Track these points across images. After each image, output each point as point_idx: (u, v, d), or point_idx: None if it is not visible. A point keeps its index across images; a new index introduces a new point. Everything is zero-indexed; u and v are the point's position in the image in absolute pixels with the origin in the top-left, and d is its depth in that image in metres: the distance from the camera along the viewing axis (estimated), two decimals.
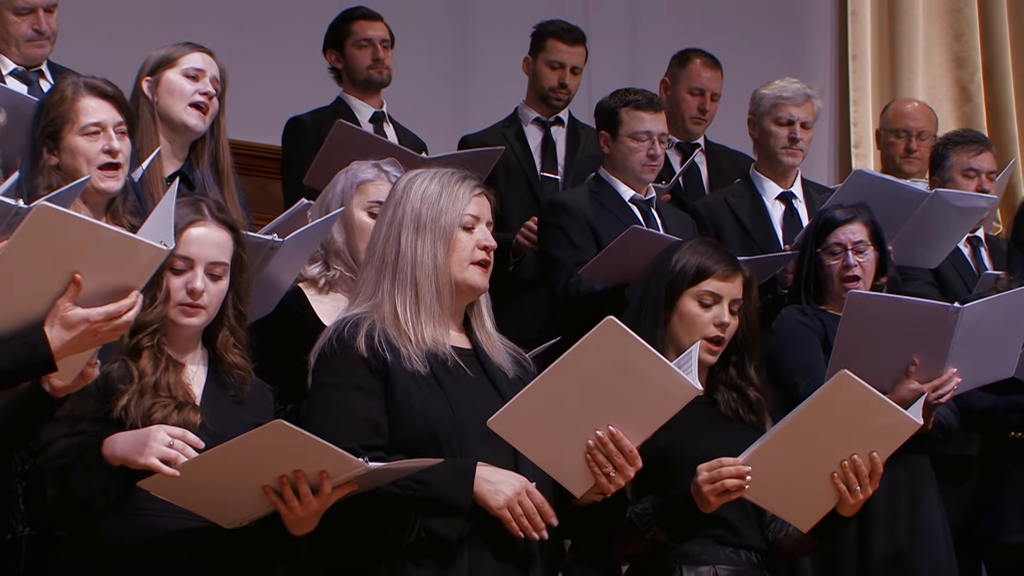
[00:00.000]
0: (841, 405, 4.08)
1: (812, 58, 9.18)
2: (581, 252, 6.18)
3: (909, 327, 5.21)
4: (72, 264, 3.39)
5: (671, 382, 3.84)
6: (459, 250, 3.92)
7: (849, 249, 5.56)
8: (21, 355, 3.41)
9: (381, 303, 3.90)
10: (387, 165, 4.88)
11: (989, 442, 5.75)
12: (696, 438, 4.30)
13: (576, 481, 3.86)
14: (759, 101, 6.65)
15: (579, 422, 3.80)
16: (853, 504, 4.17)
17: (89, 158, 4.52)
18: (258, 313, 4.86)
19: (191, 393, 3.80)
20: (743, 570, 4.35)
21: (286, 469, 3.57)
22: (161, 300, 3.80)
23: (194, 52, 5.13)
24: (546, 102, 7.28)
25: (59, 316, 3.39)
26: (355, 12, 7.16)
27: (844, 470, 4.13)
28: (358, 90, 7.05)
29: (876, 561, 5.39)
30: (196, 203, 3.94)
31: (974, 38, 9.28)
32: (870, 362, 5.11)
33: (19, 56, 6.14)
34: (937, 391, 5.18)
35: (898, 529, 5.43)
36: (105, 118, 4.55)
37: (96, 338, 3.44)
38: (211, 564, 3.73)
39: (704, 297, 4.43)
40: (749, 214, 6.53)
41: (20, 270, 3.38)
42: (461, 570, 3.79)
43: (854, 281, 5.53)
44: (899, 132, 7.39)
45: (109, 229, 3.47)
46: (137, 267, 3.44)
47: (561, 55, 7.28)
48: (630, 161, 6.32)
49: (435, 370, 3.85)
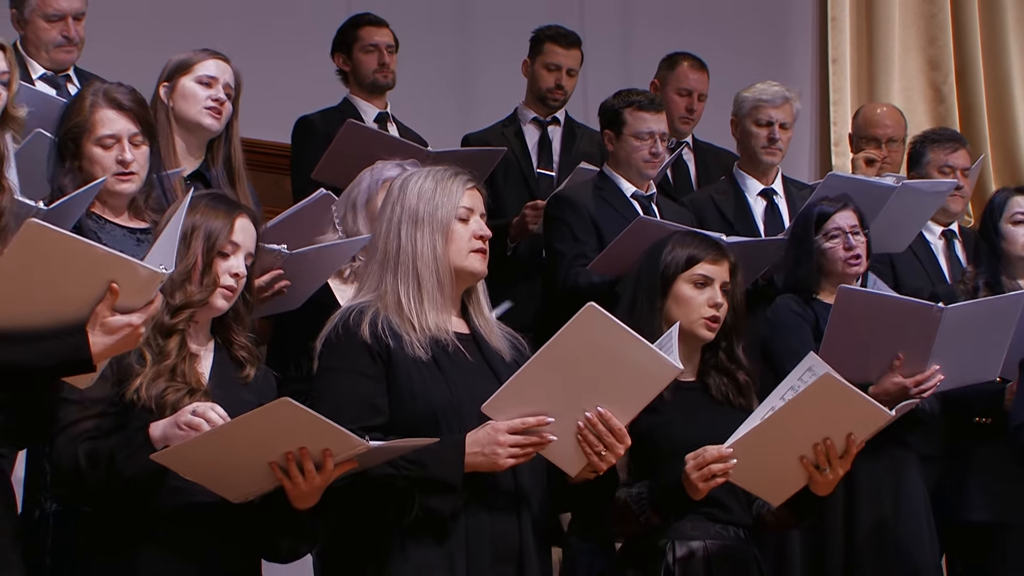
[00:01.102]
0: (822, 401, 4.09)
1: (794, 61, 9.16)
2: (583, 245, 6.19)
3: (895, 323, 5.20)
4: (104, 274, 3.40)
5: (653, 362, 3.84)
6: (457, 240, 3.93)
7: (847, 232, 5.57)
8: (64, 353, 3.41)
9: (385, 294, 3.91)
10: (409, 165, 4.90)
11: (955, 427, 5.74)
12: (689, 422, 4.32)
13: (570, 461, 3.87)
14: (741, 103, 6.65)
15: (569, 405, 3.80)
16: (824, 483, 4.17)
17: (104, 167, 4.54)
18: (285, 307, 4.92)
19: (202, 381, 3.80)
20: (731, 545, 4.36)
21: (291, 446, 3.57)
22: (210, 283, 3.82)
23: (209, 59, 5.12)
24: (544, 103, 7.28)
25: (100, 322, 3.40)
26: (363, 18, 7.14)
27: (816, 451, 4.13)
28: (364, 92, 7.03)
29: (861, 533, 5.40)
30: (234, 199, 3.98)
31: (947, 43, 9.27)
32: (857, 354, 5.13)
33: (48, 61, 6.12)
34: (919, 386, 5.19)
35: (882, 504, 5.43)
36: (120, 130, 4.56)
37: (135, 341, 3.46)
38: (222, 536, 3.74)
39: (697, 280, 4.45)
40: (733, 209, 6.53)
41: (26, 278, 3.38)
42: (458, 543, 3.80)
43: (856, 260, 5.55)
44: (869, 140, 7.38)
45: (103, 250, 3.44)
46: (138, 287, 3.44)
47: (557, 58, 7.28)
48: (633, 159, 6.32)
49: (436, 355, 3.86)
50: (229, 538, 3.74)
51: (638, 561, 4.35)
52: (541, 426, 3.75)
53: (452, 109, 8.10)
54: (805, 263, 5.57)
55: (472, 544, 3.80)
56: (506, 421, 3.74)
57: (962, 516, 5.71)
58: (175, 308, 3.76)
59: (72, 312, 3.41)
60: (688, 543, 4.32)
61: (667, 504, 4.23)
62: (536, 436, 3.75)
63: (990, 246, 5.85)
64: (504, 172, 6.83)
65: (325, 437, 3.57)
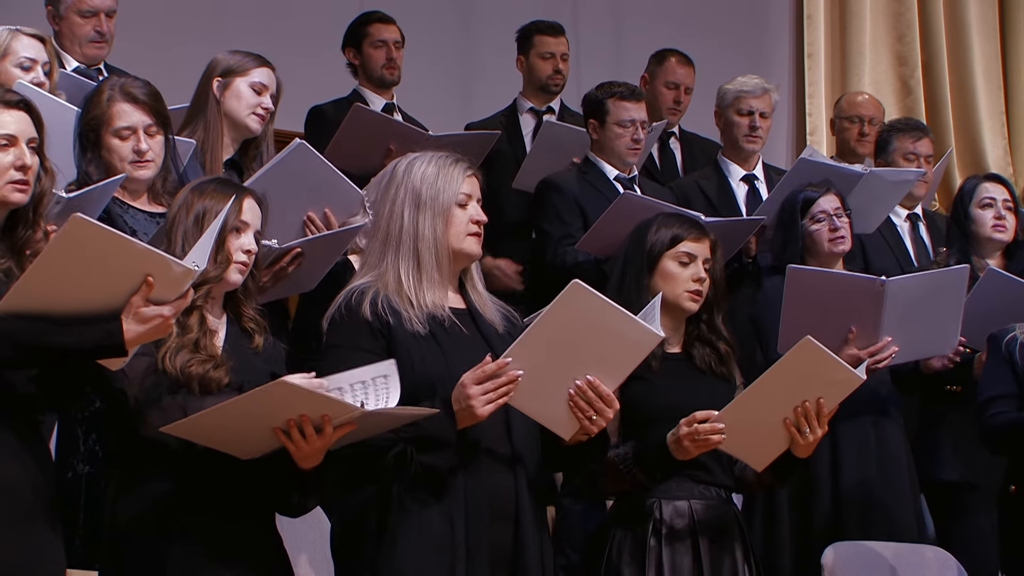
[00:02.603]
0: (802, 365, 4.09)
1: (773, 57, 9.15)
2: (569, 227, 6.19)
3: (844, 298, 5.21)
4: (141, 267, 3.40)
5: (636, 331, 3.83)
6: (455, 224, 3.92)
7: (832, 215, 5.57)
8: (99, 338, 3.41)
9: (385, 272, 3.91)
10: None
11: (929, 394, 5.75)
12: (675, 389, 4.32)
13: (563, 426, 3.87)
14: (723, 95, 6.68)
15: (560, 374, 3.80)
16: (804, 446, 4.17)
17: (121, 156, 4.57)
18: (301, 289, 4.91)
19: (218, 352, 3.79)
20: (714, 504, 4.36)
21: (292, 415, 3.57)
22: (223, 260, 3.82)
23: (262, 67, 5.20)
24: (545, 90, 7.28)
25: (134, 311, 3.40)
26: (372, 15, 7.15)
27: (796, 415, 4.14)
28: (372, 85, 7.03)
29: (847, 488, 5.41)
30: (238, 183, 3.97)
31: (914, 39, 9.26)
32: (814, 330, 5.10)
33: (81, 55, 6.15)
34: (874, 357, 5.19)
35: (866, 461, 5.44)
36: (135, 121, 4.58)
37: (165, 330, 3.47)
38: (238, 488, 3.73)
39: (681, 257, 4.44)
40: (716, 194, 6.55)
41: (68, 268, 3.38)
42: (457, 501, 3.79)
43: (841, 240, 5.55)
44: (852, 119, 7.41)
45: (142, 246, 3.45)
46: (171, 281, 3.45)
47: (549, 46, 7.29)
48: (616, 145, 6.32)
49: (433, 329, 3.86)
50: (239, 492, 3.74)
51: (627, 519, 4.35)
52: (502, 368, 3.72)
53: (454, 102, 8.08)
54: (792, 245, 5.57)
55: (471, 502, 3.80)
56: (470, 373, 3.73)
57: (934, 475, 5.72)
58: (194, 285, 3.74)
59: (109, 301, 3.42)
60: (674, 503, 4.32)
61: (650, 462, 4.23)
62: (504, 379, 3.73)
63: (961, 229, 5.86)
64: (499, 158, 6.81)
65: (323, 407, 3.56)
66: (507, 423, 3.87)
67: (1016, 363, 4.90)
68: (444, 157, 3.98)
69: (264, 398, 3.51)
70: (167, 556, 3.67)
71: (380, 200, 4.03)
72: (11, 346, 3.42)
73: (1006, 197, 5.86)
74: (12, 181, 3.60)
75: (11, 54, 4.93)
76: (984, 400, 4.96)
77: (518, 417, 3.85)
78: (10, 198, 3.62)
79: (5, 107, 3.65)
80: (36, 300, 3.40)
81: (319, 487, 3.78)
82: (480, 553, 3.79)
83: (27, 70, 4.93)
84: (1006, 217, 5.82)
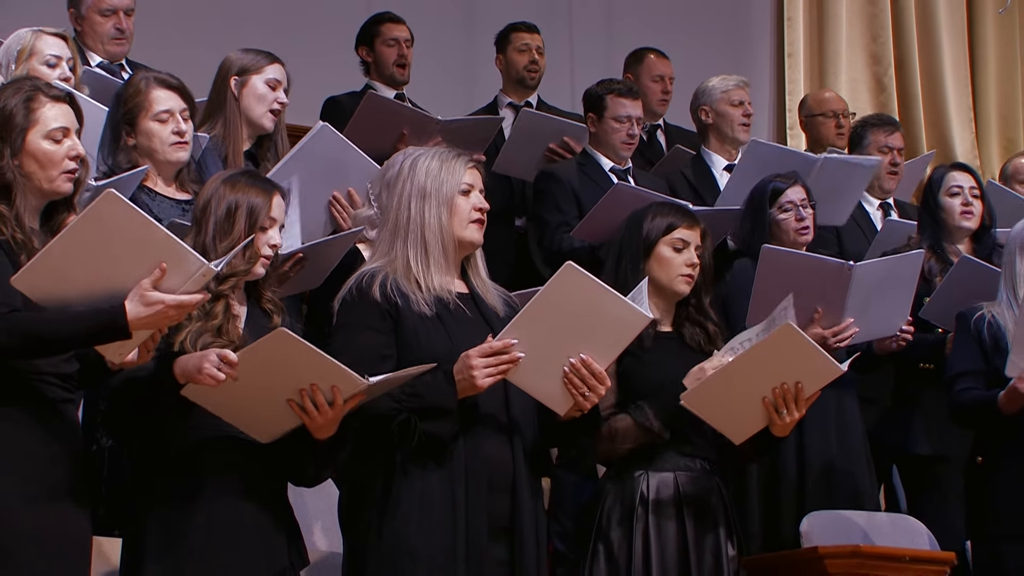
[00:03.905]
0: (782, 350, 4.08)
1: (755, 56, 9.15)
2: (565, 215, 6.19)
3: (813, 280, 5.19)
4: (146, 260, 3.37)
5: (626, 312, 3.83)
6: (459, 213, 3.92)
7: (799, 205, 5.55)
8: (103, 320, 3.39)
9: (395, 259, 3.91)
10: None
11: (903, 372, 5.74)
12: (667, 365, 4.33)
13: (558, 402, 3.86)
14: (710, 92, 6.67)
15: (554, 351, 3.79)
16: (782, 426, 4.18)
17: (162, 139, 4.58)
18: (309, 286, 4.89)
19: (239, 334, 3.78)
20: (698, 476, 4.37)
21: (303, 383, 3.57)
22: (252, 256, 3.81)
23: (274, 64, 5.21)
24: (523, 83, 7.27)
25: (139, 295, 3.37)
26: (384, 16, 7.18)
27: (775, 396, 4.14)
28: (383, 80, 7.04)
29: (811, 464, 5.41)
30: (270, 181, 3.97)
31: (888, 40, 9.26)
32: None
33: (104, 52, 6.16)
34: (836, 336, 5.17)
35: (828, 439, 5.43)
36: (173, 105, 4.61)
37: (166, 319, 3.43)
38: (252, 460, 3.73)
39: (676, 243, 4.45)
40: (700, 183, 6.53)
41: (88, 250, 3.36)
42: (458, 471, 3.79)
43: (806, 229, 5.54)
44: (827, 114, 7.39)
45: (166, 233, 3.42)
46: (183, 272, 3.41)
47: (525, 40, 7.29)
48: (612, 139, 6.33)
49: (438, 311, 3.86)
50: (256, 462, 3.74)
51: (617, 490, 4.35)
52: (507, 347, 3.74)
53: (453, 97, 8.06)
54: (760, 232, 5.54)
55: (470, 473, 3.79)
56: (480, 347, 3.74)
57: (908, 449, 5.70)
58: (223, 276, 3.74)
59: (122, 283, 3.39)
60: (660, 474, 4.33)
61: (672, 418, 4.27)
62: (506, 355, 3.74)
63: (931, 216, 5.83)
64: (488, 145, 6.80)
65: (327, 372, 3.56)
66: (506, 399, 3.86)
67: (984, 340, 4.90)
68: (446, 151, 4.00)
69: (267, 350, 3.51)
70: (187, 527, 3.67)
71: (388, 195, 4.02)
72: (19, 336, 3.42)
73: (972, 185, 5.83)
74: (67, 171, 3.60)
75: (37, 53, 4.93)
76: (953, 375, 4.96)
77: (516, 393, 3.85)
78: (63, 188, 3.62)
79: (53, 101, 3.64)
80: (54, 274, 3.36)
81: (334, 458, 3.78)
82: (479, 522, 3.79)
83: (52, 67, 4.93)
84: (973, 204, 5.79)
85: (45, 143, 3.59)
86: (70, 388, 3.62)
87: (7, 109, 3.59)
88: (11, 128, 3.58)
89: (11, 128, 3.58)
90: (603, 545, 4.31)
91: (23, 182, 3.58)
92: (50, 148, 3.59)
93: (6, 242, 3.52)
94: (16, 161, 3.58)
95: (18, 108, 3.59)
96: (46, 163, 3.59)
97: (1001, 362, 4.78)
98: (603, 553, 4.30)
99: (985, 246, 5.75)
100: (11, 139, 3.57)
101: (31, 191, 3.60)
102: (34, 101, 3.61)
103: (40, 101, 3.61)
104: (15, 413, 3.52)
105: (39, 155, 3.59)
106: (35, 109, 3.60)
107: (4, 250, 3.51)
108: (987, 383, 4.87)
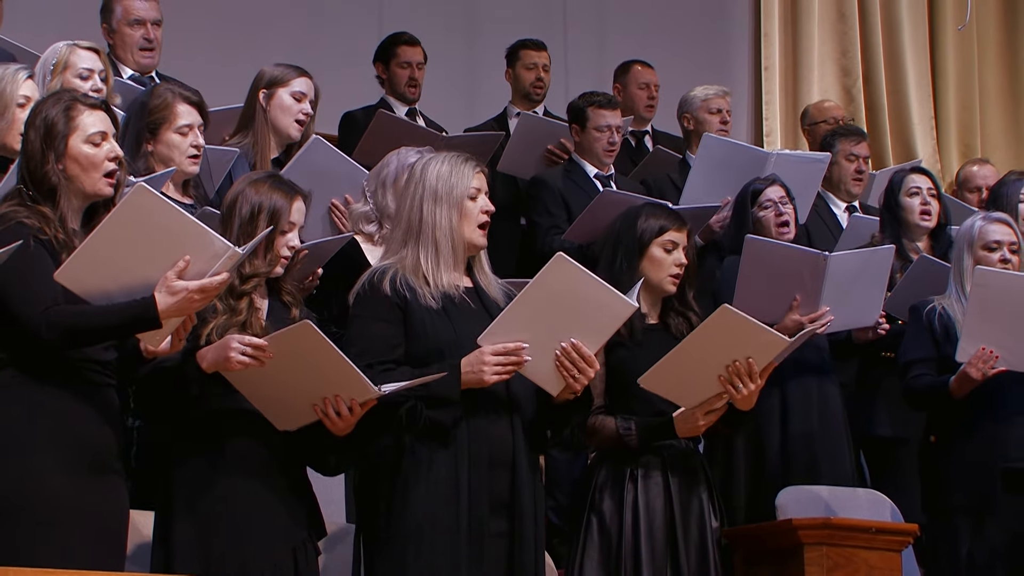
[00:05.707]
0: (723, 330, 4.08)
1: (734, 69, 9.14)
2: (555, 218, 6.25)
3: (792, 270, 5.22)
4: (176, 247, 3.38)
5: (613, 301, 3.84)
6: (468, 215, 3.93)
7: (777, 202, 5.57)
8: (135, 312, 3.42)
9: (406, 257, 3.92)
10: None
11: (867, 359, 5.74)
12: (653, 356, 4.28)
13: (551, 383, 3.87)
14: (691, 100, 6.72)
15: (547, 336, 3.80)
16: (741, 400, 4.17)
17: (182, 151, 4.61)
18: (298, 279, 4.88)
19: (262, 326, 3.79)
20: (682, 452, 4.38)
21: (327, 392, 3.61)
22: (273, 258, 3.82)
23: (301, 76, 5.22)
24: (529, 97, 7.27)
25: (165, 285, 3.40)
26: (400, 37, 7.16)
27: (729, 372, 4.13)
28: (395, 96, 7.06)
29: (794, 445, 5.41)
30: (288, 180, 3.97)
31: (856, 55, 9.26)
32: (764, 297, 5.16)
33: (135, 64, 6.09)
34: (813, 323, 5.18)
35: (810, 421, 5.43)
36: (193, 120, 4.63)
37: (192, 305, 3.45)
38: (275, 435, 3.74)
39: (667, 245, 4.44)
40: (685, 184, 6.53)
41: (124, 241, 3.37)
42: (461, 448, 3.80)
43: (786, 225, 5.56)
44: (828, 121, 7.44)
45: (194, 221, 3.45)
46: (208, 260, 3.42)
47: (532, 58, 7.29)
48: (595, 147, 6.35)
49: (444, 304, 3.87)
50: (281, 438, 3.75)
51: (607, 466, 4.36)
52: (518, 350, 3.76)
53: (458, 107, 8.06)
54: (744, 231, 5.55)
55: (473, 451, 3.81)
56: (491, 345, 3.76)
57: (870, 431, 5.72)
58: (246, 276, 3.77)
59: (152, 274, 3.40)
60: (648, 453, 4.33)
61: (653, 436, 4.29)
62: (515, 357, 3.76)
63: (892, 215, 5.85)
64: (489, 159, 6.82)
65: (344, 372, 3.57)
66: (506, 381, 3.85)
67: (935, 330, 4.94)
68: (456, 156, 3.99)
69: (292, 340, 3.52)
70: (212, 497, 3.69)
71: (400, 197, 4.02)
72: (60, 330, 3.44)
73: (930, 186, 5.86)
74: (107, 174, 3.61)
75: (71, 67, 4.90)
76: (906, 362, 4.99)
77: (515, 376, 3.85)
78: (104, 191, 3.63)
79: (90, 108, 3.65)
80: (94, 266, 3.38)
81: (353, 450, 3.81)
82: (481, 497, 3.80)
83: (85, 79, 4.89)
84: (931, 204, 5.81)
85: (86, 147, 3.61)
86: (110, 374, 3.63)
87: (49, 118, 3.60)
88: (54, 135, 3.59)
89: (54, 135, 3.59)
90: (596, 517, 4.31)
91: (67, 185, 3.59)
92: (91, 151, 3.61)
93: (49, 242, 3.53)
94: (60, 165, 3.59)
95: (59, 116, 3.60)
96: (88, 165, 3.60)
97: (951, 350, 4.82)
98: (596, 525, 4.31)
99: (942, 243, 5.76)
100: (54, 145, 3.58)
101: (74, 193, 3.61)
102: (73, 109, 3.62)
103: (78, 109, 3.63)
104: (64, 396, 3.53)
105: (81, 158, 3.60)
106: (74, 116, 3.61)
107: (47, 249, 3.52)
108: (938, 369, 4.91)
